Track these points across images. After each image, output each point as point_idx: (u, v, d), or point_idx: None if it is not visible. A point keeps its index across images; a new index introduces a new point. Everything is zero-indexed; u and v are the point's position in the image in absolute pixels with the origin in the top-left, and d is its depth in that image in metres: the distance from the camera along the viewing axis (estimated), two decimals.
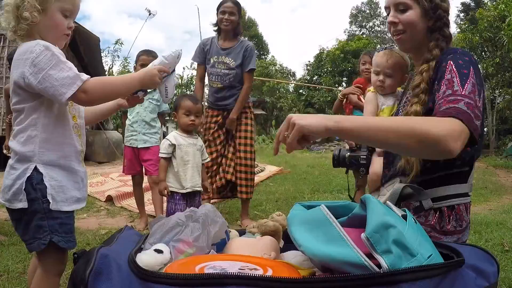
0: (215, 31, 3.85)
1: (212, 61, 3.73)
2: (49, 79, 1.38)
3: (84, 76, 1.44)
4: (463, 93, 1.24)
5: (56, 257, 1.52)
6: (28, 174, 1.44)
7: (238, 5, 3.71)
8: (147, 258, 0.73)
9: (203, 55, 3.81)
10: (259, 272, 0.70)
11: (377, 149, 1.77)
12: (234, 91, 3.74)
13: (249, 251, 0.90)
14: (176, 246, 0.93)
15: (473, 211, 4.93)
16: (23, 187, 1.44)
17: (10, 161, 1.51)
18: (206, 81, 4.03)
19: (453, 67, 1.31)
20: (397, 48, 1.96)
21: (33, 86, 1.40)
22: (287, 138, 1.06)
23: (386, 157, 1.60)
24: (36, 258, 1.59)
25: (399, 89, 2.11)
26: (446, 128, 1.10)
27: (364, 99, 2.89)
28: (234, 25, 3.69)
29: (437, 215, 1.38)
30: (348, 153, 1.84)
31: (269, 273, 0.69)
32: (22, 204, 1.44)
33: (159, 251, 0.78)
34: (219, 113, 3.81)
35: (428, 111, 1.33)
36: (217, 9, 3.74)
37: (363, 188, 2.91)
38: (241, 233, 1.29)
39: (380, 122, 1.11)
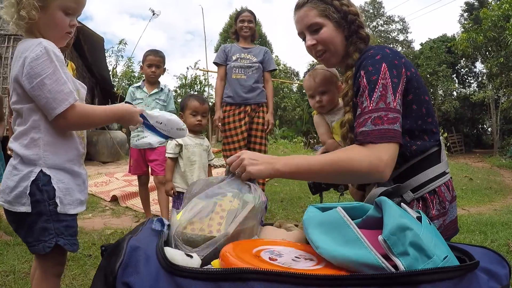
0: (233, 38, 4.22)
1: (234, 57, 4.00)
2: (42, 88, 1.32)
3: (76, 95, 1.39)
4: (370, 107, 1.27)
5: (56, 259, 1.49)
6: (33, 178, 1.39)
7: (253, 13, 4.08)
8: (176, 258, 0.74)
9: (224, 56, 4.06)
10: (313, 262, 0.72)
11: None
12: (256, 85, 3.97)
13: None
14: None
15: (478, 212, 4.93)
16: (28, 191, 1.38)
17: (12, 161, 1.44)
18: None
19: (364, 79, 1.33)
20: (319, 65, 1.99)
21: (26, 89, 1.35)
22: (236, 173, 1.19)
23: None
24: (36, 260, 1.55)
25: (341, 100, 2.09)
26: (367, 161, 1.20)
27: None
28: (253, 31, 4.09)
29: (421, 204, 1.38)
30: None
31: (321, 265, 0.70)
32: (25, 208, 1.38)
33: (188, 255, 0.79)
34: (241, 110, 3.93)
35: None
36: (236, 19, 4.11)
37: None
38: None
39: (312, 163, 1.23)
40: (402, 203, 0.86)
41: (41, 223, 1.40)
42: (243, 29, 4.01)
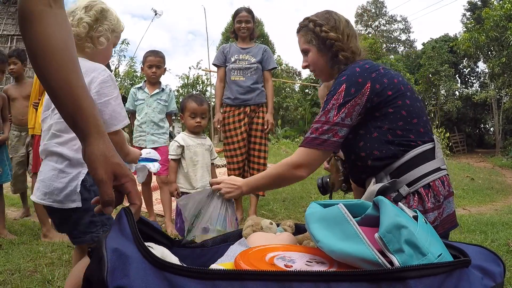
0: (232, 38, 4.19)
1: (233, 59, 3.96)
2: (109, 106, 1.55)
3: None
4: (316, 118, 1.56)
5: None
6: (81, 178, 1.57)
7: (251, 12, 4.02)
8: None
9: (223, 57, 4.04)
10: (326, 266, 0.74)
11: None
12: (255, 86, 3.93)
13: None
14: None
15: (479, 211, 4.95)
16: (78, 189, 1.56)
17: (58, 166, 1.58)
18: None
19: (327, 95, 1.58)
20: None
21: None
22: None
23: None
24: (79, 251, 1.76)
25: None
26: (287, 164, 1.57)
27: None
28: (250, 31, 4.03)
29: (416, 198, 1.46)
30: (328, 178, 2.10)
31: (334, 268, 0.72)
32: (76, 204, 1.57)
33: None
34: (240, 111, 3.91)
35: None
36: (233, 19, 4.07)
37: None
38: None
39: (259, 180, 1.65)
40: (399, 203, 0.89)
41: (88, 218, 1.60)
42: (240, 30, 3.98)
